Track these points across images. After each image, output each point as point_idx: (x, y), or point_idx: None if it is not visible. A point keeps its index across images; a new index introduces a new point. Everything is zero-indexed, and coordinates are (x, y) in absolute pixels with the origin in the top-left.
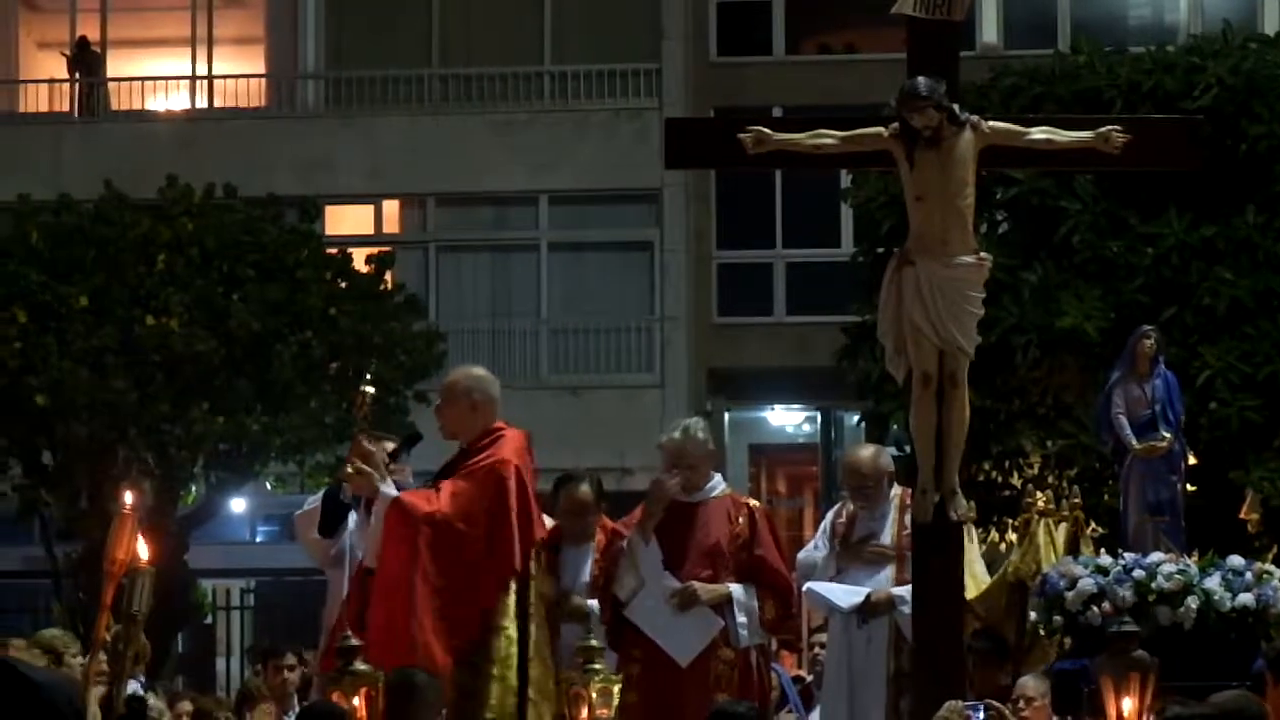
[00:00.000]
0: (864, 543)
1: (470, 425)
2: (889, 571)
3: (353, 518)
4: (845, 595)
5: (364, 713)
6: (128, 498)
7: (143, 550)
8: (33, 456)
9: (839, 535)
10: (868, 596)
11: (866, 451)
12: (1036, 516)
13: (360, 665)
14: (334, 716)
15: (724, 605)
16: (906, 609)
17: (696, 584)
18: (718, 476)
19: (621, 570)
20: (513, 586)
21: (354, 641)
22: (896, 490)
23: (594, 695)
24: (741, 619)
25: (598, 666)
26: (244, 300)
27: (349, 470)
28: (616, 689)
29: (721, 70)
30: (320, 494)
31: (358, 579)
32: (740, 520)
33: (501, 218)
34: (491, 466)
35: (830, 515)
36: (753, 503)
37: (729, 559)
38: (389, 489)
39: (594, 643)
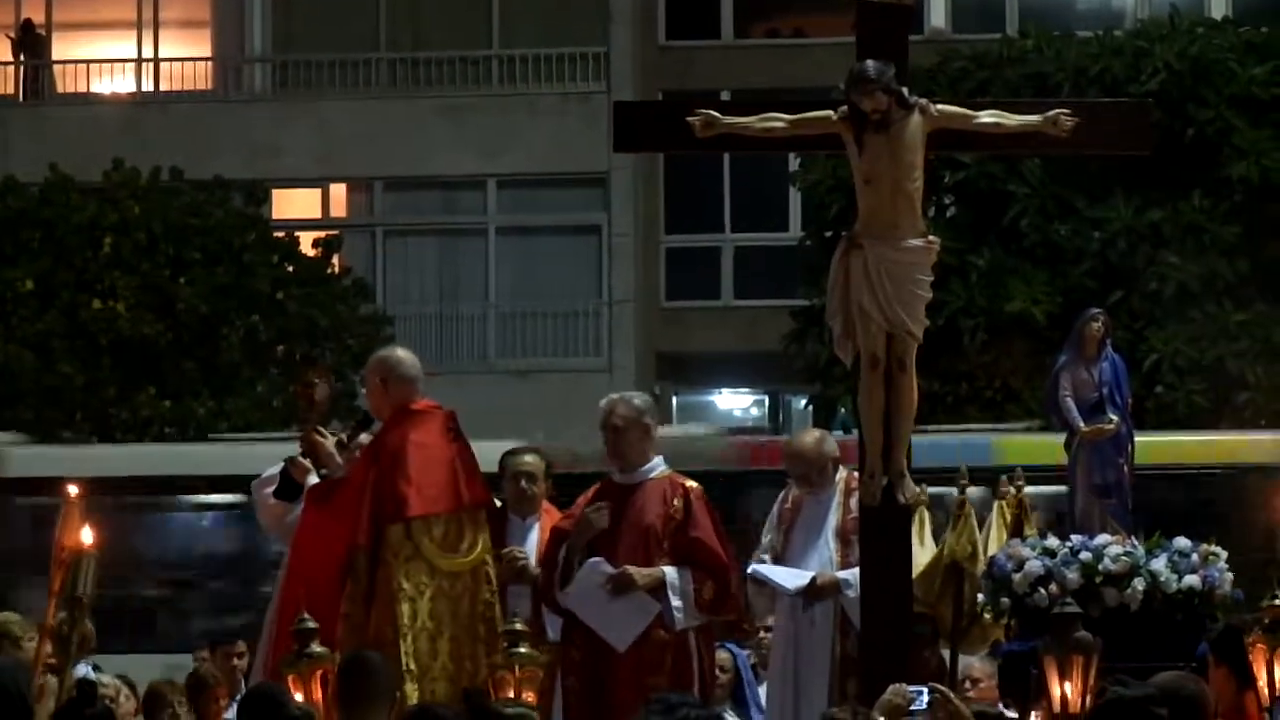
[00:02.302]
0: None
1: (384, 405)
2: (834, 554)
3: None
4: (790, 578)
5: (319, 695)
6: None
7: (86, 535)
8: None
9: (785, 521)
10: (813, 579)
11: (810, 437)
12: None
13: (316, 648)
14: (276, 698)
15: (659, 589)
16: (852, 592)
17: (631, 569)
18: (658, 458)
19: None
20: (362, 570)
21: (310, 624)
22: (842, 473)
23: (518, 678)
24: (676, 602)
25: (523, 649)
26: (191, 283)
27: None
28: (541, 671)
29: (670, 54)
30: (281, 464)
31: None
32: (676, 502)
33: (449, 202)
34: (365, 449)
35: (778, 502)
36: (690, 484)
37: (663, 540)
38: (312, 478)
39: (518, 625)
